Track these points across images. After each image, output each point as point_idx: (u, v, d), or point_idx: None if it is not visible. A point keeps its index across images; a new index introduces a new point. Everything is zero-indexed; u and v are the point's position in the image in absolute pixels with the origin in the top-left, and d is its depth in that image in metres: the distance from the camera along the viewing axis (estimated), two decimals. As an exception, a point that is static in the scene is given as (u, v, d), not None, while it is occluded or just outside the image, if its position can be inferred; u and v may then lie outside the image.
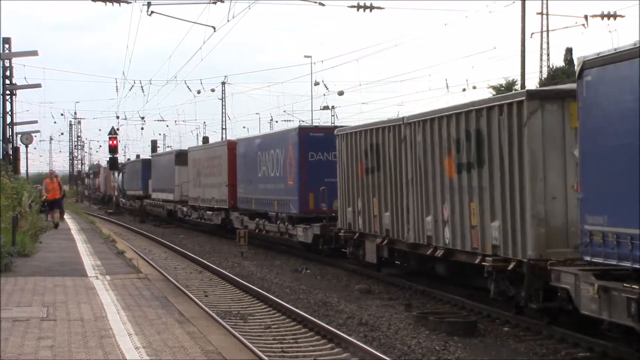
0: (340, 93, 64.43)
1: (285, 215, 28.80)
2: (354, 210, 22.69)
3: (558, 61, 60.36)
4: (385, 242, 20.76)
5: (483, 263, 15.61)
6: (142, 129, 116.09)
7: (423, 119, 18.52)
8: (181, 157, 46.10)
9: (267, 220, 31.16)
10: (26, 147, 52.86)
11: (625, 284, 11.32)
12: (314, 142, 27.10)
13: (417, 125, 18.75)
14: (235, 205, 35.12)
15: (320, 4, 25.12)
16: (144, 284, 16.96)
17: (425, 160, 18.36)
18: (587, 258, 12.04)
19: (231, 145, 36.43)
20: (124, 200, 67.48)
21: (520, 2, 38.37)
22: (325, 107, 65.86)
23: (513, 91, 31.16)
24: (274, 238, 32.15)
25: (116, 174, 69.94)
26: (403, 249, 20.02)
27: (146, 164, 57.86)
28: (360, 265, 23.26)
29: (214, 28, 28.07)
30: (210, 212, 38.92)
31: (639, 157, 10.75)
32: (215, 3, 25.11)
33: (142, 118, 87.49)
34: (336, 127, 28.13)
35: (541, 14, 48.35)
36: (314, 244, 26.53)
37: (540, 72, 52.65)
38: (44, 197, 35.55)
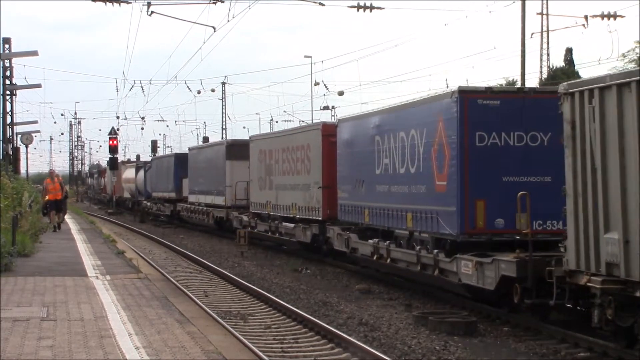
0: (340, 93, 64.43)
1: (430, 237, 17.99)
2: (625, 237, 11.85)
3: (558, 61, 60.42)
4: None
5: None
6: (142, 129, 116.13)
7: None
8: (237, 148, 36.41)
9: (392, 243, 19.96)
10: (26, 147, 52.93)
11: None
12: (486, 114, 16.34)
13: None
14: (333, 216, 24.77)
15: (320, 4, 25.12)
16: (144, 284, 16.96)
17: None
18: None
19: (327, 129, 25.57)
20: (148, 204, 56.10)
21: (520, 2, 38.37)
22: (325, 107, 65.77)
23: None
24: (405, 273, 19.97)
25: (132, 172, 62.56)
26: None
27: (180, 160, 47.23)
28: None
29: (214, 28, 28.08)
30: (291, 225, 28.23)
31: None
32: (215, 3, 25.10)
33: (142, 118, 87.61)
34: (522, 89, 18.09)
35: (541, 14, 48.37)
36: (498, 294, 15.66)
37: (540, 72, 52.68)
38: (45, 199, 33.35)
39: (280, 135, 31.63)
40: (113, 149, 48.50)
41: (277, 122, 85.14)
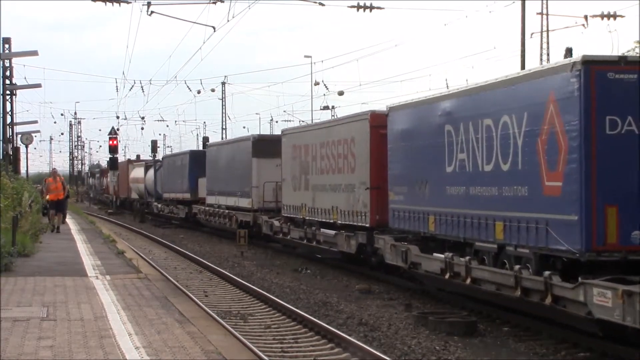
0: (340, 93, 64.52)
1: (533, 253, 14.12)
2: None
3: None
4: None
5: None
6: (142, 129, 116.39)
7: None
8: (264, 144, 32.60)
9: (472, 259, 15.96)
10: (26, 147, 52.94)
11: None
12: (619, 92, 12.71)
13: None
14: (383, 223, 20.67)
15: (320, 4, 25.13)
16: (144, 284, 16.96)
17: None
18: None
19: (376, 119, 21.30)
20: (159, 206, 52.48)
21: (520, 2, 38.34)
22: (325, 107, 65.86)
23: None
24: (490, 297, 15.81)
25: (140, 171, 58.77)
26: None
27: (196, 158, 43.63)
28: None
29: (213, 28, 28.10)
30: (331, 232, 24.00)
31: None
32: (215, 3, 25.13)
33: (142, 118, 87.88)
34: None
35: (541, 14, 48.31)
36: None
37: (540, 72, 52.55)
38: (46, 199, 32.63)
39: (318, 128, 26.95)
40: (113, 149, 48.62)
41: (277, 122, 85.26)
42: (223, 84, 79.74)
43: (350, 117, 24.15)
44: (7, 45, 43.51)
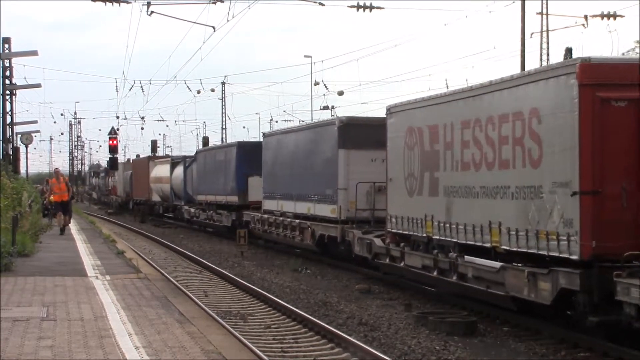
0: (340, 93, 64.57)
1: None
2: None
3: (558, 61, 60.37)
4: None
5: None
6: (142, 129, 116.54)
7: None
8: (356, 130, 23.92)
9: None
10: (26, 147, 52.94)
11: None
12: None
13: None
14: (608, 252, 12.42)
15: (320, 4, 25.14)
16: (144, 284, 16.96)
17: None
18: None
19: (592, 74, 12.78)
20: (191, 210, 43.31)
21: (520, 2, 38.38)
22: (325, 107, 65.82)
23: None
24: None
25: (164, 169, 51.09)
26: None
27: (246, 152, 34.98)
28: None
29: (213, 28, 28.12)
30: (494, 266, 14.98)
31: None
32: (215, 3, 25.14)
33: (142, 118, 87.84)
34: None
35: (541, 14, 48.36)
36: None
37: (541, 72, 52.57)
38: (47, 200, 31.68)
39: (458, 98, 16.95)
40: (113, 149, 48.51)
41: (276, 121, 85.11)
42: (223, 83, 79.83)
43: (531, 74, 14.73)
44: (7, 45, 43.53)
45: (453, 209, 16.73)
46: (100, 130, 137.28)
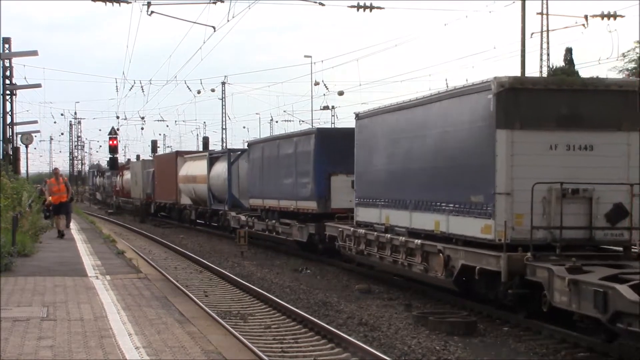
0: (340, 93, 64.63)
1: None
2: None
3: (558, 61, 60.39)
4: None
5: None
6: (142, 129, 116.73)
7: None
8: (530, 98, 14.71)
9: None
10: (26, 147, 53.00)
11: None
12: None
13: None
14: None
15: (320, 4, 25.14)
16: (144, 284, 16.96)
17: None
18: None
19: None
20: (242, 218, 34.13)
21: (520, 2, 38.37)
22: (325, 107, 65.91)
23: None
24: None
25: (200, 166, 42.47)
26: None
27: (328, 141, 26.66)
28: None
29: (213, 28, 28.13)
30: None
31: None
32: (215, 3, 25.14)
33: (142, 118, 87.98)
34: None
35: (541, 14, 48.44)
36: None
37: (540, 72, 52.67)
38: (48, 200, 30.57)
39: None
40: (113, 149, 48.53)
41: (277, 122, 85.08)
42: (223, 84, 79.85)
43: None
44: (7, 45, 43.57)
45: None
46: (100, 130, 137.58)
